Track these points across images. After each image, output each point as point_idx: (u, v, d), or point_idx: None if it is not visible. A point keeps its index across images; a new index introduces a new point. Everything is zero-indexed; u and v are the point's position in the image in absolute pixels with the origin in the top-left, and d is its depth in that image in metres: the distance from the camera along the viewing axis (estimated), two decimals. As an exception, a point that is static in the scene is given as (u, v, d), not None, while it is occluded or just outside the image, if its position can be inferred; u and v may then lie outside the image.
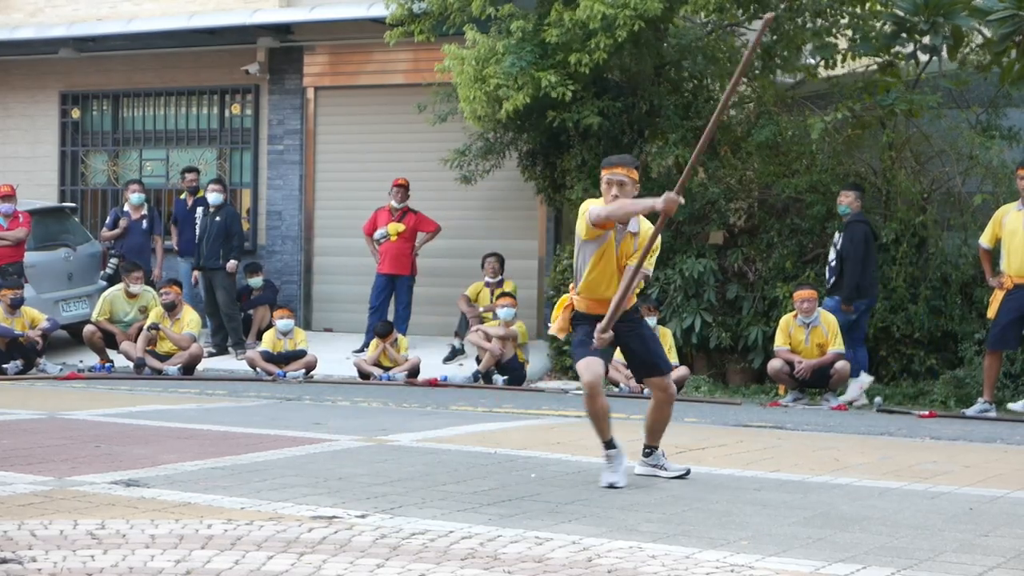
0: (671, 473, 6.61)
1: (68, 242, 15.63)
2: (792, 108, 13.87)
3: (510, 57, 12.36)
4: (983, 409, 10.77)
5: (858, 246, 11.65)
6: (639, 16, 11.92)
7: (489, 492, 6.02)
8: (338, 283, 16.45)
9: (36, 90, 18.18)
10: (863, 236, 11.70)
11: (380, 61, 16.09)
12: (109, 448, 7.30)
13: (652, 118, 13.59)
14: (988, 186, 12.64)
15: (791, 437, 8.91)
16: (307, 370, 13.34)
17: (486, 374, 13.08)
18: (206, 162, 17.07)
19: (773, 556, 4.70)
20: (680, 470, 6.64)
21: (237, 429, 8.43)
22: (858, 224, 11.78)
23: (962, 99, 13.38)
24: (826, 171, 12.99)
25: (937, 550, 4.88)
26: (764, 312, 12.99)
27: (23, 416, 8.97)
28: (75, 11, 17.49)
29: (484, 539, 4.87)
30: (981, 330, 11.90)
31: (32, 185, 17.60)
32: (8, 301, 13.16)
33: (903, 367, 12.44)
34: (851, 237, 11.71)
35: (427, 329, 15.18)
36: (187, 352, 13.36)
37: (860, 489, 6.40)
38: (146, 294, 14.02)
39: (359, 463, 6.88)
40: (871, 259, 11.87)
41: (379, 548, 4.64)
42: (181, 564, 4.30)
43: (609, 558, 4.58)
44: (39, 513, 5.21)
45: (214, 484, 6.03)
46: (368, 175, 16.11)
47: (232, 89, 17.12)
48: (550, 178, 14.19)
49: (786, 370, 11.73)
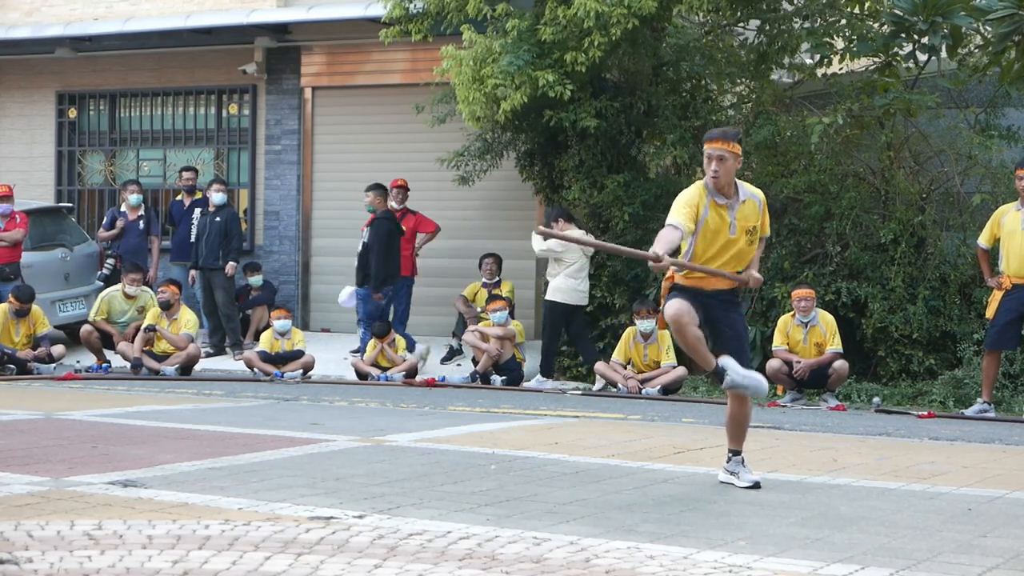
0: (741, 483, 6.36)
1: (65, 242, 15.62)
2: (790, 108, 13.87)
3: (507, 56, 12.36)
4: (982, 409, 10.77)
5: (382, 239, 13.60)
6: (633, 14, 11.92)
7: (487, 492, 6.01)
8: (336, 283, 16.40)
9: (32, 90, 18.16)
10: (387, 231, 13.68)
11: (377, 61, 16.09)
12: (106, 448, 7.28)
13: (650, 118, 13.60)
14: (987, 186, 12.65)
15: (789, 437, 8.91)
16: (304, 370, 13.33)
17: (484, 374, 13.07)
18: (203, 162, 17.06)
19: (771, 556, 4.69)
20: (749, 481, 6.37)
21: (234, 429, 8.41)
22: (382, 221, 13.79)
23: (961, 99, 13.38)
24: (824, 171, 12.98)
25: (935, 551, 4.87)
26: (762, 312, 12.98)
27: (20, 416, 8.95)
28: (71, 11, 17.47)
29: (482, 539, 4.85)
30: (980, 330, 11.90)
31: (29, 185, 17.60)
32: (16, 307, 13.12)
33: (902, 367, 12.44)
34: (376, 231, 13.68)
35: (425, 329, 15.17)
36: (184, 352, 13.36)
37: (858, 489, 6.39)
38: (143, 294, 14.01)
39: (357, 463, 6.87)
40: (393, 251, 13.78)
41: (377, 548, 4.62)
42: (179, 565, 4.29)
43: (607, 558, 4.57)
44: (36, 514, 5.19)
45: (211, 484, 6.01)
46: (366, 175, 16.05)
47: (229, 89, 17.11)
48: (548, 178, 14.19)
49: (784, 370, 11.73)
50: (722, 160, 6.20)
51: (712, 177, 6.22)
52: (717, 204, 6.23)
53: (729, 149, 6.22)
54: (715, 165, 6.21)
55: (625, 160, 13.64)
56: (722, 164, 6.21)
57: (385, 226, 13.88)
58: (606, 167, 13.50)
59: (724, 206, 6.24)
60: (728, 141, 6.25)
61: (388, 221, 13.97)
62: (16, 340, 13.21)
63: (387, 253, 13.75)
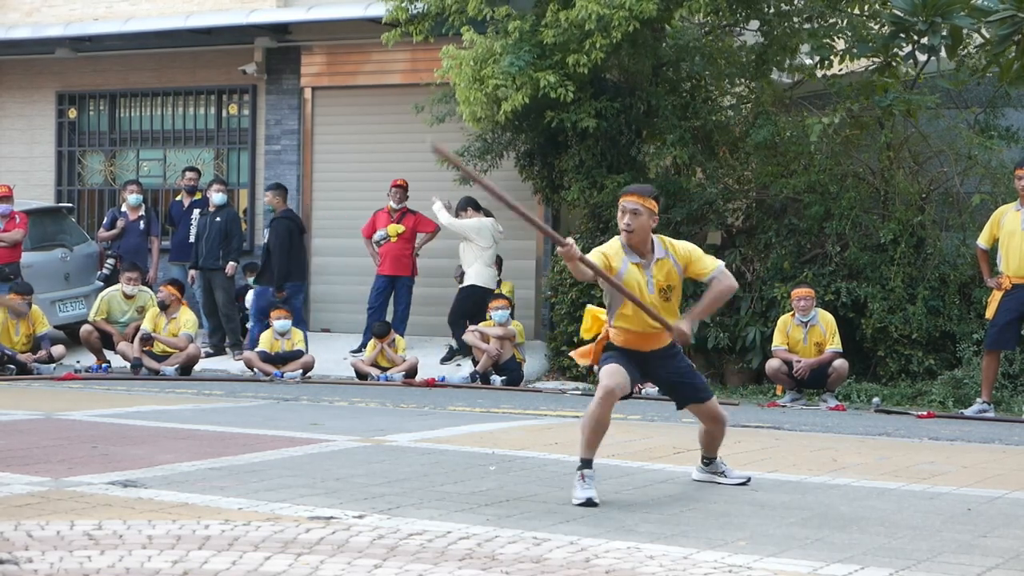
0: (732, 480, 6.43)
1: (65, 242, 15.62)
2: (790, 108, 13.87)
3: (508, 57, 12.37)
4: (981, 409, 10.77)
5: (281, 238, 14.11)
6: (634, 17, 11.92)
7: (487, 492, 6.01)
8: (335, 283, 16.44)
9: (32, 90, 18.16)
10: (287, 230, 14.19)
11: (378, 61, 16.08)
12: (106, 449, 7.28)
13: (650, 118, 13.60)
14: (987, 186, 12.64)
15: (789, 437, 8.91)
16: (304, 370, 13.33)
17: (484, 375, 13.07)
18: (203, 162, 17.05)
19: (771, 557, 4.70)
20: (741, 477, 6.45)
21: (234, 429, 8.41)
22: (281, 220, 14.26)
23: (960, 99, 13.38)
24: (824, 171, 12.98)
25: (935, 551, 4.88)
26: (762, 312, 12.98)
27: (20, 416, 8.95)
28: (71, 11, 17.47)
29: (482, 539, 4.86)
30: (979, 330, 11.90)
31: (29, 185, 17.59)
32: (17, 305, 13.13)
33: (901, 367, 12.43)
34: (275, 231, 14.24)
35: (424, 329, 15.16)
36: (184, 353, 13.35)
37: (858, 489, 6.39)
38: (143, 294, 14.01)
39: (356, 464, 6.87)
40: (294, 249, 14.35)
41: (377, 549, 4.63)
42: (178, 565, 4.29)
43: (607, 558, 4.57)
44: (36, 514, 5.19)
45: (211, 485, 6.02)
46: (365, 175, 16.10)
47: (229, 89, 17.11)
48: (548, 178, 14.19)
49: (784, 370, 11.73)
50: (636, 214, 6.09)
51: (625, 231, 6.13)
52: (632, 263, 6.14)
53: (644, 204, 6.12)
54: (628, 218, 6.10)
55: (625, 160, 13.64)
56: (636, 218, 6.09)
57: (284, 225, 14.40)
58: (606, 167, 13.50)
59: (639, 264, 6.14)
60: (644, 196, 6.15)
61: (287, 220, 14.51)
62: (15, 339, 13.20)
63: (288, 251, 14.30)
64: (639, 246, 6.16)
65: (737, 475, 6.49)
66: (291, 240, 14.38)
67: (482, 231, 13.88)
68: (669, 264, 6.20)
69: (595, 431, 5.97)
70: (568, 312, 13.51)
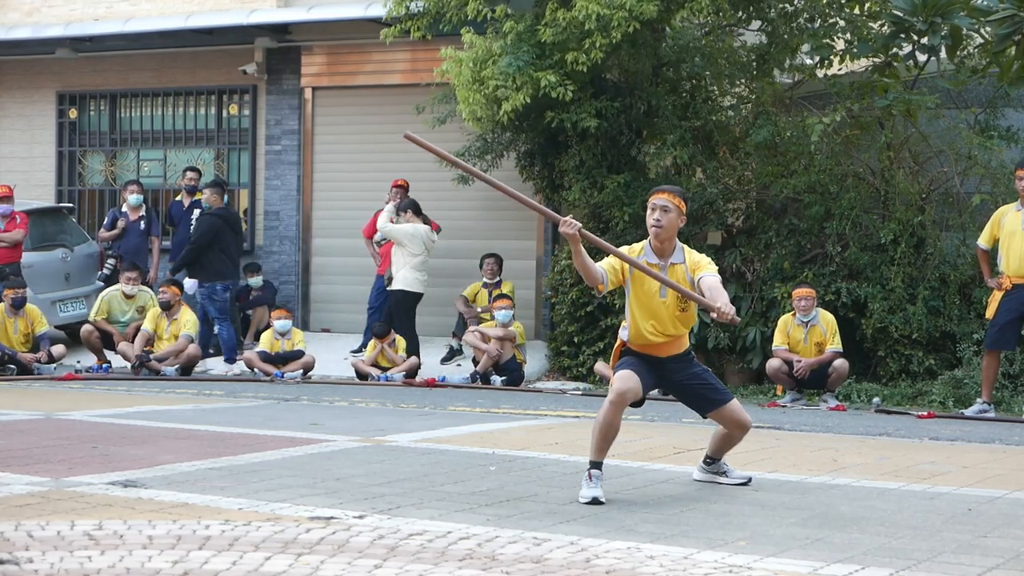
0: (733, 480, 6.44)
1: (65, 242, 15.62)
2: (790, 108, 13.87)
3: (507, 57, 12.37)
4: (981, 410, 10.77)
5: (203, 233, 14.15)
6: (634, 18, 11.92)
7: (487, 492, 6.01)
8: (336, 283, 16.45)
9: (33, 90, 18.17)
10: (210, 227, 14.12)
11: (378, 61, 16.09)
12: (106, 449, 7.28)
13: (650, 118, 13.60)
14: (987, 186, 12.64)
15: (789, 437, 8.91)
16: (305, 371, 13.33)
17: (484, 375, 13.07)
18: (203, 162, 17.06)
19: (771, 557, 4.70)
20: (742, 478, 6.46)
21: (234, 430, 8.41)
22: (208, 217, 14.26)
23: (960, 99, 13.38)
24: (824, 171, 12.98)
25: (935, 551, 4.88)
26: (762, 312, 12.98)
27: (20, 416, 8.95)
28: (72, 11, 17.48)
29: (482, 540, 4.85)
30: (979, 330, 11.90)
31: (29, 185, 17.60)
32: (10, 301, 13.13)
33: (901, 367, 12.44)
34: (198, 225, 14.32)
35: (425, 330, 15.15)
36: (184, 353, 13.35)
37: (858, 490, 6.39)
38: (143, 294, 14.01)
39: (357, 464, 6.87)
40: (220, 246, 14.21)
41: (377, 549, 4.63)
42: (179, 565, 4.29)
43: (607, 558, 4.57)
44: (36, 514, 5.19)
45: (212, 485, 6.02)
46: (366, 175, 16.11)
47: (229, 89, 17.11)
48: (548, 178, 14.19)
49: (784, 370, 11.73)
50: (666, 211, 6.15)
51: (654, 226, 6.17)
52: (650, 263, 6.17)
53: (674, 202, 6.18)
54: (658, 214, 6.16)
55: (625, 160, 13.64)
56: (665, 215, 6.15)
57: (208, 222, 14.34)
58: (606, 167, 13.50)
59: (656, 266, 6.18)
60: (674, 195, 6.22)
61: (216, 218, 14.37)
62: (14, 338, 13.20)
63: (210, 248, 14.18)
64: (663, 245, 6.23)
65: (738, 475, 6.51)
66: (217, 237, 14.20)
67: (415, 237, 13.73)
68: (682, 271, 6.27)
69: (605, 436, 6.02)
70: (568, 312, 13.51)
